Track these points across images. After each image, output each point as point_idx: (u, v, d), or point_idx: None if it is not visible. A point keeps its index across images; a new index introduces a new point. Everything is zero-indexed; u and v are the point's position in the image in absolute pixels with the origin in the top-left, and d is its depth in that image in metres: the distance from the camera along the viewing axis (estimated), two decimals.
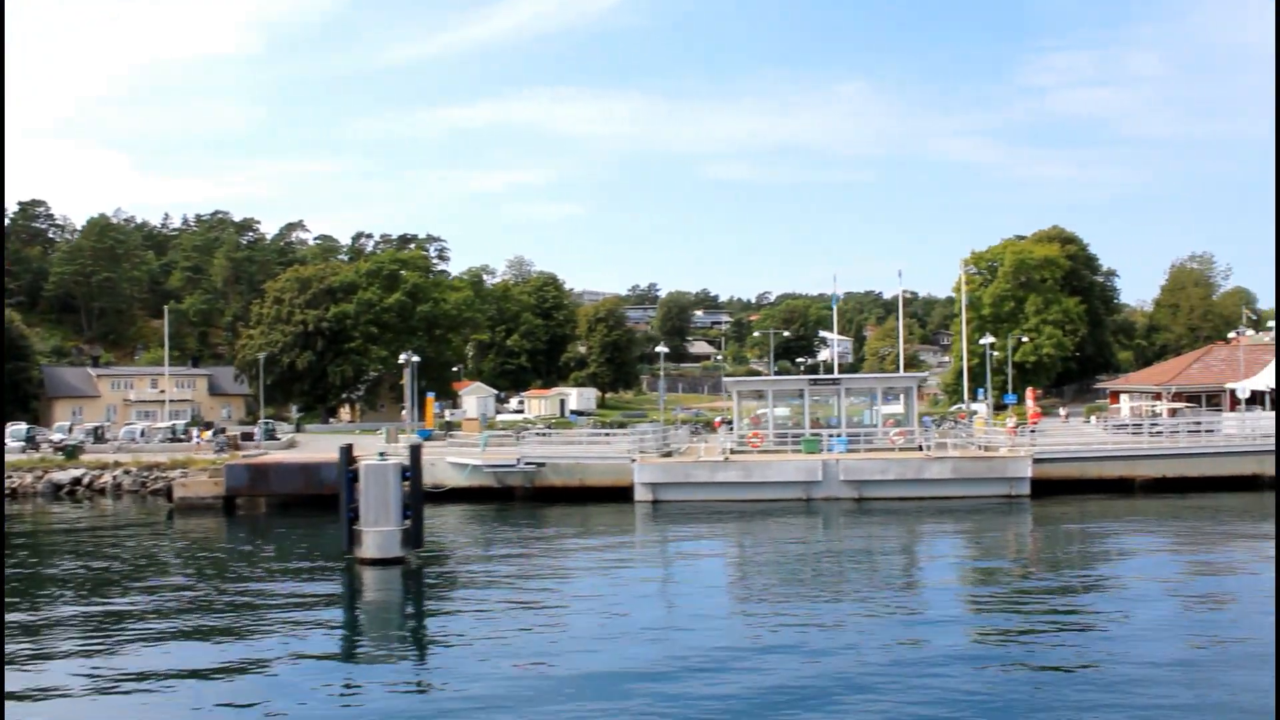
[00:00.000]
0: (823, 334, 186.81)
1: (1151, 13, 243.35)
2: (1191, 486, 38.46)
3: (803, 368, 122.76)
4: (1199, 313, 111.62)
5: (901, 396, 45.81)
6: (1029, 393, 60.47)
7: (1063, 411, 73.14)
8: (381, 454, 28.27)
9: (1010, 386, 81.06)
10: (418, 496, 27.30)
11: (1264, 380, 47.44)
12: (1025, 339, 77.31)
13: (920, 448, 41.10)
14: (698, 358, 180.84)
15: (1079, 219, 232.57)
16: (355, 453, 28.40)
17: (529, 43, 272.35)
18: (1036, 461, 37.82)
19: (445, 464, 40.55)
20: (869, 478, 38.13)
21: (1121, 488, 38.79)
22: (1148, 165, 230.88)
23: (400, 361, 64.09)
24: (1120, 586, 23.64)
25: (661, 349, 79.57)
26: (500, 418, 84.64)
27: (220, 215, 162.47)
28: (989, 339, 75.59)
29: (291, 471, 40.87)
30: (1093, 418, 58.70)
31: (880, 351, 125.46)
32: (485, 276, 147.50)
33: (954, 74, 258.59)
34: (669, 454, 43.53)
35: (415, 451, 28.40)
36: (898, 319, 73.71)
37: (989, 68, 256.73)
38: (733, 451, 42.25)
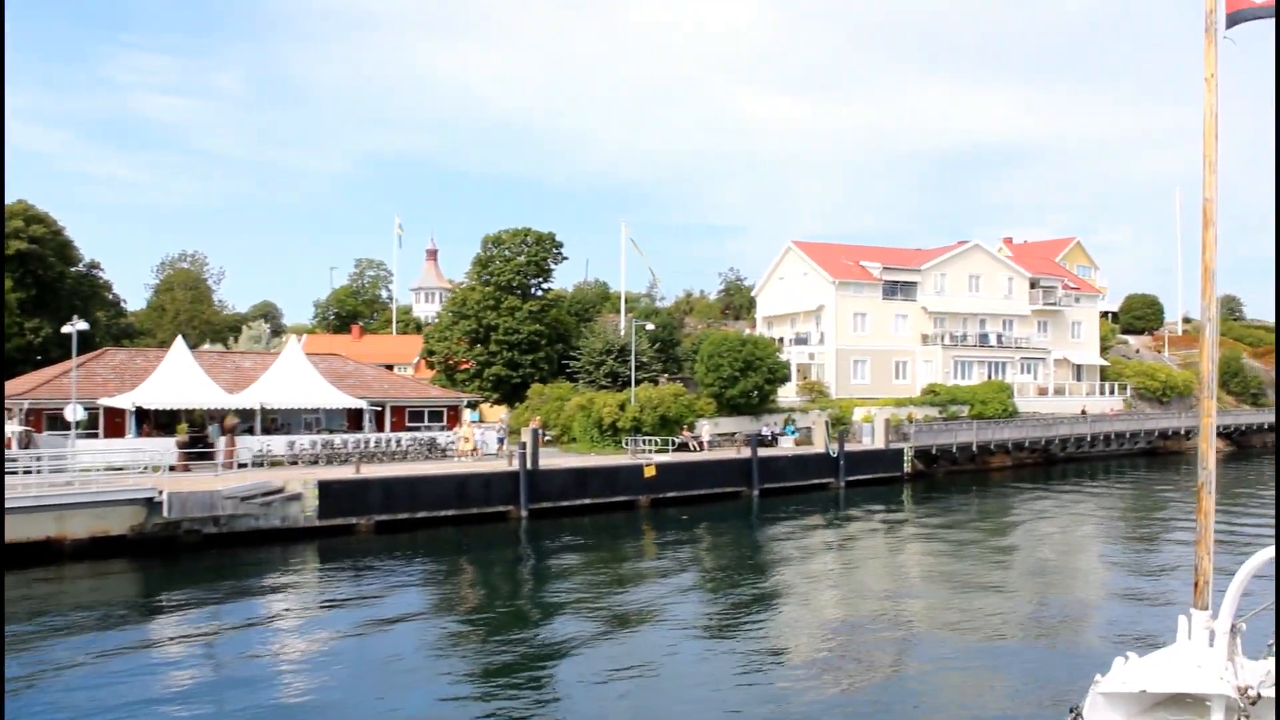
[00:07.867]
0: None
1: (241, 33, 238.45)
2: None
3: None
4: (185, 316, 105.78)
5: None
6: None
7: None
8: None
9: None
10: None
11: (157, 396, 39.47)
12: None
13: None
14: None
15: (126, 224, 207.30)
16: None
17: None
18: None
19: None
20: None
21: None
22: (213, 178, 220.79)
23: None
24: None
25: None
26: None
27: None
28: None
29: None
30: None
31: None
32: None
33: (24, 49, 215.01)
34: None
35: None
36: None
37: (69, 51, 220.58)
38: None
